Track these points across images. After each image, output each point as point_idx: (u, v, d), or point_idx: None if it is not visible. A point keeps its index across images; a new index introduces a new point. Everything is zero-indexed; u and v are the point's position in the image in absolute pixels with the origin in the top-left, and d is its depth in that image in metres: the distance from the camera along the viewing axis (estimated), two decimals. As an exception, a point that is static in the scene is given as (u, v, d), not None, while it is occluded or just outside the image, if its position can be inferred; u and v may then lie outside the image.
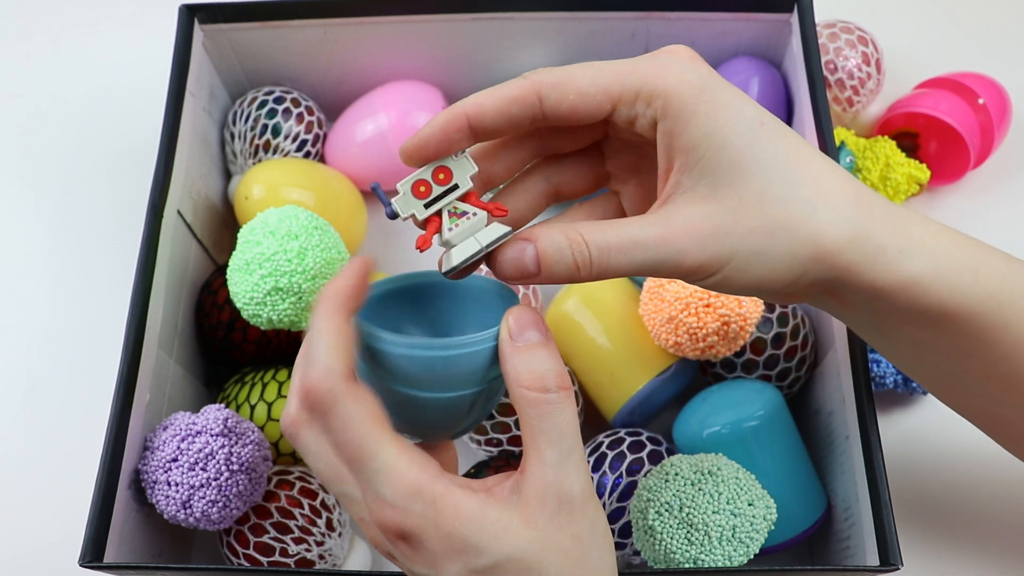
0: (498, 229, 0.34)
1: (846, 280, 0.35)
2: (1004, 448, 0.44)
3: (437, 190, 0.35)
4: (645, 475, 0.50)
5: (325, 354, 0.33)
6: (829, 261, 0.34)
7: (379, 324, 0.36)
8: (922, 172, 0.63)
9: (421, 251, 0.34)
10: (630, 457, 0.52)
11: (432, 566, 0.33)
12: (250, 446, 0.49)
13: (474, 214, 0.35)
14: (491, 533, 0.32)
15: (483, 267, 0.37)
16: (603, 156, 0.39)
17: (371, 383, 0.36)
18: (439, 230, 0.35)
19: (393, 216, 0.35)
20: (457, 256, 0.34)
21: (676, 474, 0.47)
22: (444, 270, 0.35)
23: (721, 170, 0.33)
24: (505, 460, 0.54)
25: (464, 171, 0.35)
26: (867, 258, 0.34)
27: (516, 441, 0.54)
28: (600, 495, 0.52)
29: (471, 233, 0.35)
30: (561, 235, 0.33)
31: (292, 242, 0.51)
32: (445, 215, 0.35)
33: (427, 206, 0.35)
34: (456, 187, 0.35)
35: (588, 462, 0.53)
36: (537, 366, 0.34)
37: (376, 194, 0.35)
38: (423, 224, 0.35)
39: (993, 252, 0.37)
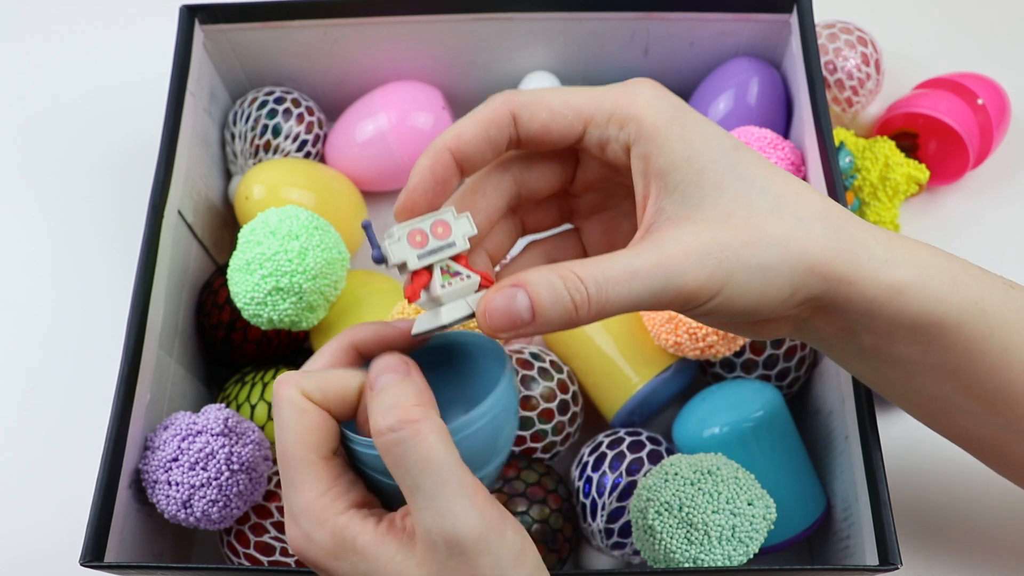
0: None
1: (839, 293, 0.34)
2: (997, 472, 0.44)
3: (433, 243, 0.34)
4: (645, 475, 0.50)
5: (308, 363, 0.35)
6: (822, 272, 0.34)
7: None
8: (921, 172, 0.63)
9: (410, 303, 0.34)
10: (630, 457, 0.52)
11: None
12: (250, 446, 0.49)
13: (467, 276, 0.34)
14: (387, 573, 0.32)
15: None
16: (570, 197, 0.39)
17: (358, 472, 0.36)
18: (427, 285, 0.34)
19: (380, 261, 0.34)
20: (447, 315, 0.33)
21: (676, 474, 0.47)
22: (427, 327, 0.34)
23: (704, 191, 0.33)
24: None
25: (463, 231, 0.34)
26: (857, 267, 0.34)
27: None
28: (600, 495, 0.52)
29: (462, 295, 0.34)
30: (553, 274, 0.32)
31: (293, 242, 0.51)
32: (437, 271, 0.34)
33: (419, 258, 0.34)
34: (453, 244, 0.34)
35: (588, 462, 0.53)
36: (383, 406, 0.32)
37: (366, 233, 0.33)
38: (410, 275, 0.34)
39: (968, 263, 0.37)
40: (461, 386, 0.40)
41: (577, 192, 0.38)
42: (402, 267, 0.34)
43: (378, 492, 0.36)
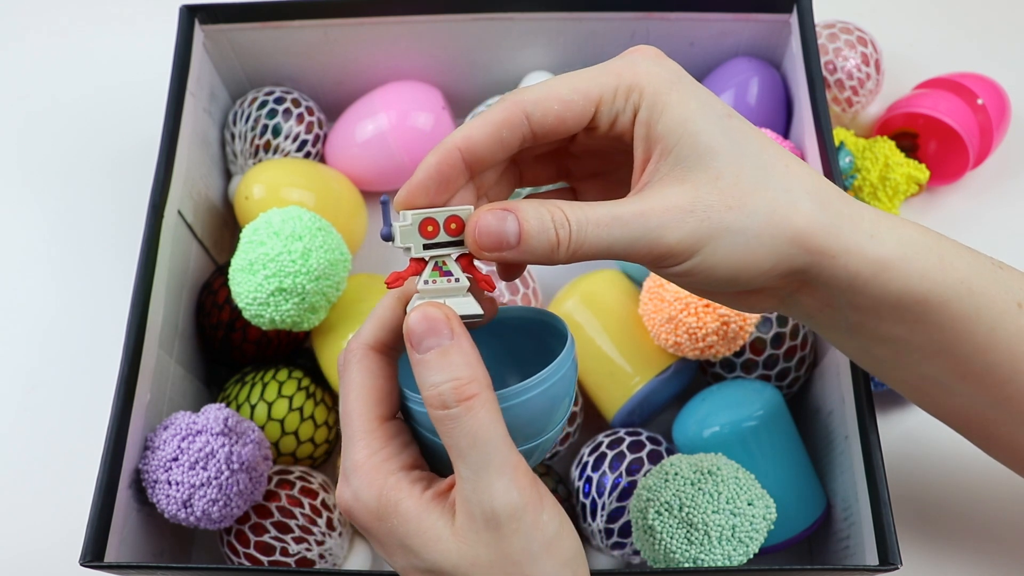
0: (470, 306, 0.34)
1: (822, 267, 0.35)
2: (987, 453, 0.44)
3: (442, 238, 0.34)
4: (645, 475, 0.50)
5: (366, 322, 0.36)
6: (805, 244, 0.34)
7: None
8: (921, 172, 0.63)
9: (389, 287, 0.34)
10: (630, 457, 0.52)
11: (383, 552, 0.34)
12: (250, 445, 0.49)
13: (456, 279, 0.34)
14: (423, 540, 0.32)
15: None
16: (568, 155, 0.39)
17: (411, 430, 0.36)
18: (418, 274, 0.34)
19: (387, 238, 0.34)
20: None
21: (676, 474, 0.47)
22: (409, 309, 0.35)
23: (697, 153, 0.33)
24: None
25: None
26: (840, 241, 0.34)
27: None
28: (600, 494, 0.52)
29: (443, 296, 0.34)
30: (543, 208, 0.33)
31: (296, 243, 0.51)
32: (429, 266, 0.34)
33: (424, 248, 0.34)
34: (460, 243, 0.34)
35: (588, 462, 0.53)
36: (435, 379, 0.32)
37: (383, 209, 0.34)
38: (409, 261, 0.34)
39: (956, 243, 0.38)
40: (520, 356, 0.40)
41: (576, 153, 0.39)
42: (407, 250, 0.34)
43: (431, 453, 0.36)
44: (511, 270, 0.38)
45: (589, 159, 0.39)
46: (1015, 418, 0.40)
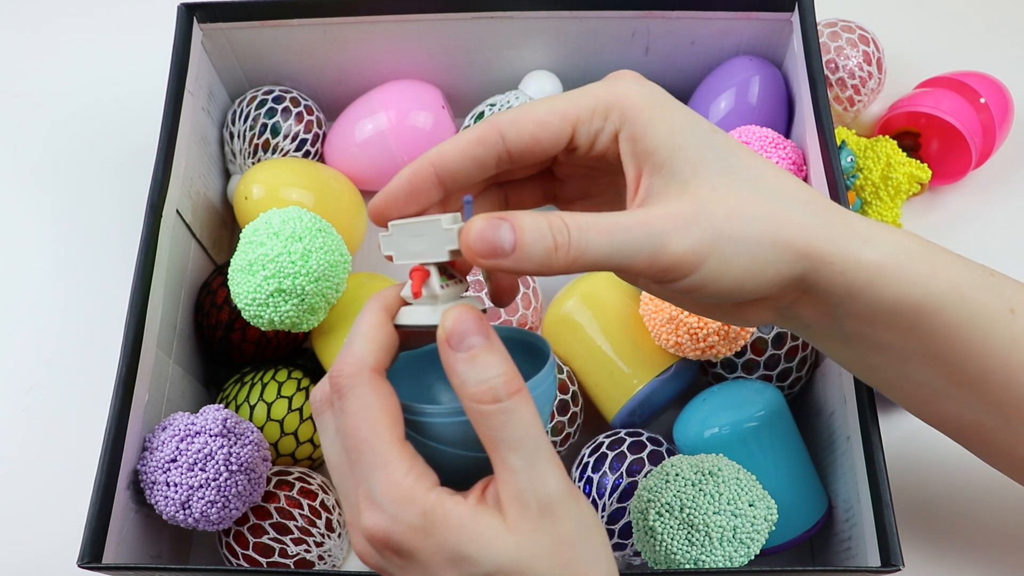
0: (435, 315, 0.33)
1: (820, 273, 0.35)
2: (982, 459, 0.44)
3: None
4: (645, 476, 0.50)
5: (360, 343, 0.34)
6: (802, 251, 0.34)
7: (411, 386, 0.36)
8: (923, 172, 0.63)
9: (415, 298, 0.34)
10: (630, 457, 0.52)
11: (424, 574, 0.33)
12: (249, 446, 0.49)
13: (459, 280, 0.34)
14: (481, 543, 0.32)
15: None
16: (555, 178, 0.39)
17: (419, 445, 0.35)
18: (425, 281, 0.34)
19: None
20: (436, 318, 0.33)
21: (677, 475, 0.47)
22: (413, 322, 0.34)
23: (689, 167, 0.34)
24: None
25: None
26: (836, 247, 0.35)
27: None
28: (600, 495, 0.51)
29: (455, 297, 0.34)
30: (540, 216, 0.32)
31: (296, 244, 0.51)
32: (435, 271, 0.33)
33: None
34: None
35: (589, 463, 0.53)
36: (484, 375, 0.32)
37: (466, 209, 0.32)
38: (415, 270, 0.34)
39: (948, 251, 0.38)
40: None
41: (562, 176, 0.39)
42: (455, 253, 0.33)
43: (437, 465, 0.35)
44: (504, 293, 0.38)
45: (575, 182, 0.39)
46: (1010, 424, 0.40)
